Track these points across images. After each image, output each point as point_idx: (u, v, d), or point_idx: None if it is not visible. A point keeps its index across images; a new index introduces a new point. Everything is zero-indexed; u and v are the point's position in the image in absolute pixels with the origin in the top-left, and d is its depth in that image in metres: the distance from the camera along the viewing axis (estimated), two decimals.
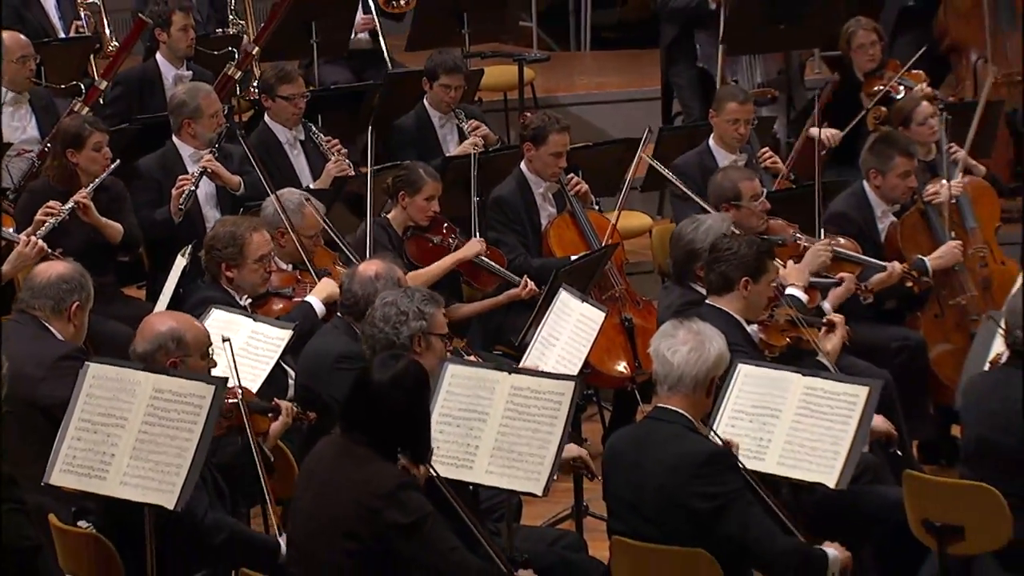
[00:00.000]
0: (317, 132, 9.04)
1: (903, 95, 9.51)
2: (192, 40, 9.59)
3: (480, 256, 8.28)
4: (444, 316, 6.19)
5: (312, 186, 8.75)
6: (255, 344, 6.81)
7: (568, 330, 7.15)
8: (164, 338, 5.75)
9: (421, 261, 8.25)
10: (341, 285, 6.87)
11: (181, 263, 7.60)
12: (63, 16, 10.19)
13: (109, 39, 10.18)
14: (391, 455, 5.35)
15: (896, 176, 8.28)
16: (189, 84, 8.94)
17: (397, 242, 8.23)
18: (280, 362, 6.84)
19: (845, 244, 8.11)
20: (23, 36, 9.14)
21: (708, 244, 7.04)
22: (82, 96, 9.26)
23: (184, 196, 8.27)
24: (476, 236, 8.37)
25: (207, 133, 8.53)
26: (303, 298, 7.46)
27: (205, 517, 5.51)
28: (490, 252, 8.36)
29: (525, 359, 7.01)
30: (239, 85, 9.67)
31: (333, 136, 9.08)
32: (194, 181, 8.33)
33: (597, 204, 8.90)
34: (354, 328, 6.65)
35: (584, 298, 7.32)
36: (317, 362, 6.61)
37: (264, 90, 9.11)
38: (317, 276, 7.65)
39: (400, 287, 6.64)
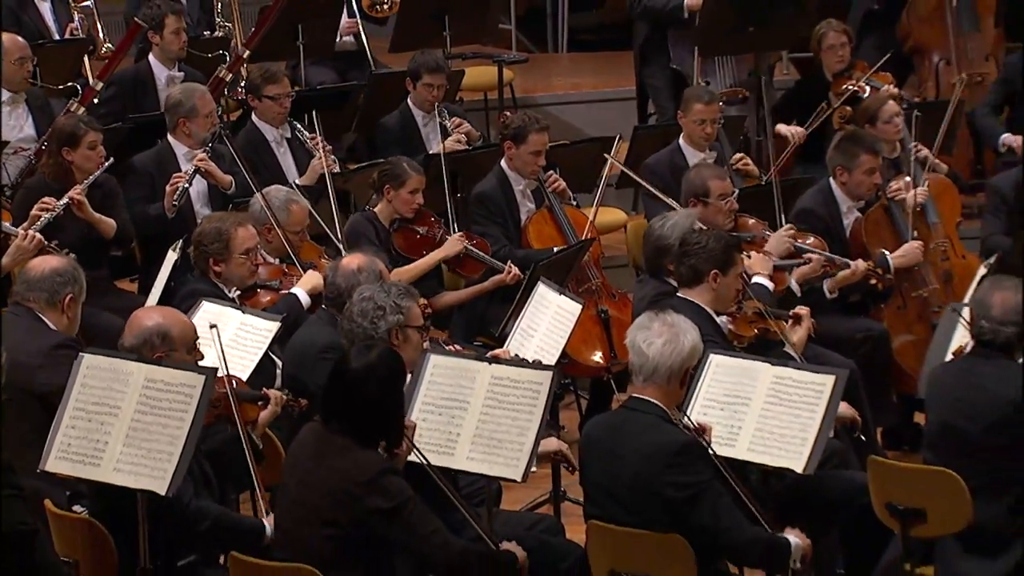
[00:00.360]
0: (302, 130, 9.04)
1: (869, 94, 9.52)
2: (184, 43, 9.58)
3: (466, 248, 8.28)
4: (427, 306, 6.19)
5: (298, 182, 8.74)
6: (244, 335, 6.81)
7: (546, 322, 7.16)
8: (150, 333, 5.74)
9: (408, 252, 8.26)
10: (325, 278, 6.87)
11: (172, 258, 7.60)
12: (58, 18, 10.17)
13: (102, 41, 10.17)
14: (370, 442, 5.35)
15: (862, 173, 8.29)
16: (185, 84, 8.93)
17: (384, 234, 8.24)
18: (268, 352, 6.83)
19: (813, 243, 8.13)
20: (20, 38, 9.13)
21: (676, 239, 7.06)
22: (78, 96, 9.27)
23: (178, 193, 8.26)
24: (455, 232, 8.37)
25: (201, 132, 8.53)
26: (289, 290, 7.46)
27: (190, 504, 5.50)
28: (476, 241, 8.37)
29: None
30: (228, 86, 9.65)
31: (319, 135, 9.07)
32: (188, 179, 8.33)
33: (575, 200, 8.90)
34: (338, 319, 6.65)
35: (561, 291, 7.33)
36: (303, 352, 6.61)
37: (251, 90, 9.10)
38: (303, 269, 7.65)
39: (381, 280, 6.64)
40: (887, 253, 8.20)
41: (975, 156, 10.52)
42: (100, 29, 10.21)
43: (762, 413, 5.98)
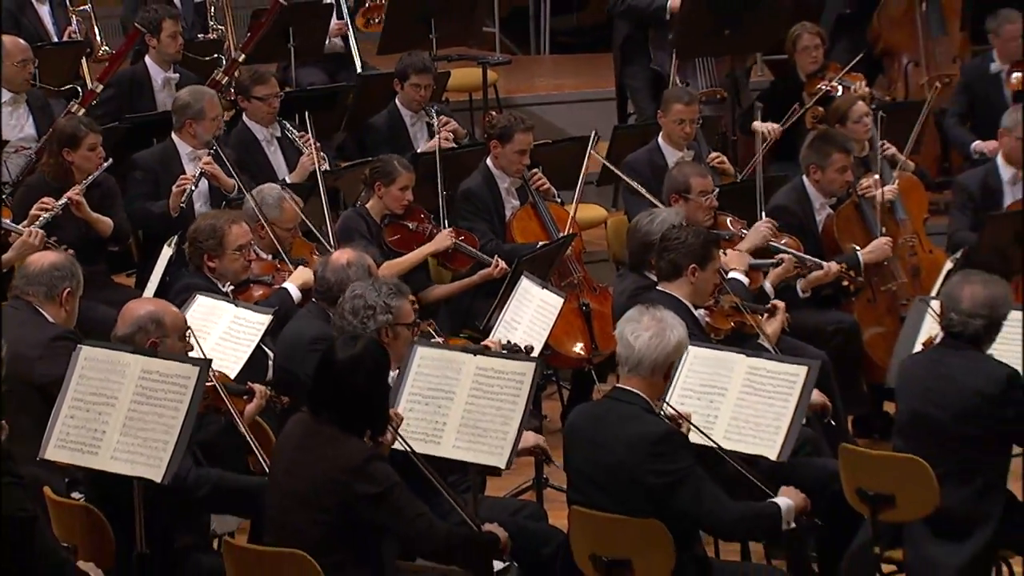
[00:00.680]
0: (291, 128, 9.03)
1: (841, 94, 9.54)
2: (180, 46, 9.57)
3: (454, 244, 8.28)
4: (414, 301, 6.19)
5: (288, 179, 8.74)
6: (237, 328, 6.81)
7: (529, 315, 7.16)
8: (144, 320, 5.76)
9: (399, 246, 8.27)
10: (315, 272, 6.87)
11: (167, 253, 7.60)
12: (56, 22, 10.16)
13: (99, 44, 10.16)
14: (356, 431, 5.36)
15: (834, 171, 8.31)
16: (194, 87, 8.88)
17: (376, 229, 8.24)
18: (260, 344, 6.83)
19: (788, 242, 8.15)
20: (22, 40, 9.13)
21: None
22: (79, 98, 9.26)
23: (184, 196, 8.24)
24: (444, 227, 8.37)
25: (206, 135, 8.51)
26: (281, 285, 7.45)
27: (189, 473, 5.52)
28: (463, 236, 8.37)
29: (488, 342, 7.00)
30: (223, 88, 9.64)
31: (310, 134, 9.05)
32: (194, 181, 8.31)
33: (559, 198, 8.91)
34: (327, 312, 6.65)
35: (544, 285, 7.33)
36: (293, 344, 6.61)
37: (240, 91, 9.10)
38: (294, 265, 7.65)
39: (370, 274, 6.65)
40: (857, 249, 8.23)
41: (942, 154, 10.55)
42: (97, 32, 10.21)
43: (737, 402, 5.99)
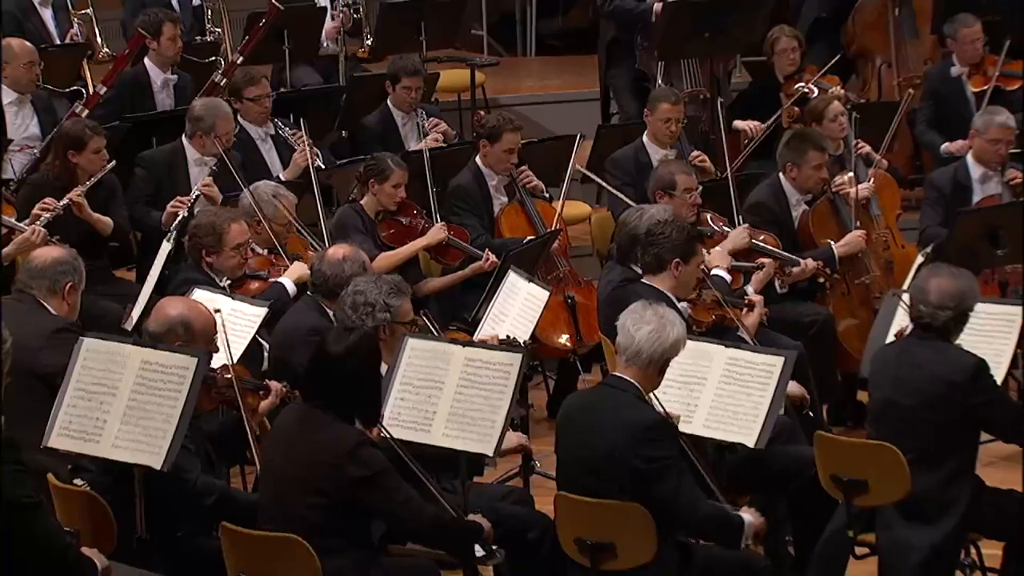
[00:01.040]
0: (283, 127, 9.03)
1: (817, 95, 9.55)
2: (180, 48, 9.55)
3: (447, 238, 8.28)
4: (410, 302, 6.20)
5: (282, 176, 8.74)
6: (234, 320, 6.78)
7: (516, 307, 7.17)
8: (174, 322, 5.74)
9: (393, 241, 8.26)
10: (312, 266, 6.87)
11: (166, 248, 7.60)
12: (59, 25, 10.14)
13: (100, 46, 10.15)
14: (349, 417, 5.37)
15: (810, 168, 8.33)
16: (211, 101, 8.75)
17: (370, 225, 8.24)
18: (257, 336, 6.83)
19: (766, 239, 8.18)
20: (29, 43, 9.13)
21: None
22: (83, 100, 9.26)
23: (177, 220, 8.00)
24: (437, 222, 8.38)
25: (214, 148, 8.42)
26: (277, 279, 7.45)
27: (198, 480, 5.53)
28: (454, 231, 8.37)
29: (478, 334, 7.01)
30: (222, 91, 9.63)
31: (305, 133, 9.05)
32: (188, 206, 8.12)
33: (548, 194, 8.90)
34: (322, 305, 6.66)
35: (531, 278, 7.34)
36: (289, 335, 6.61)
37: (232, 93, 9.10)
38: (289, 260, 7.64)
39: (365, 269, 6.65)
40: (832, 243, 8.25)
41: (914, 153, 10.57)
42: (98, 35, 10.20)
43: (717, 392, 6.00)
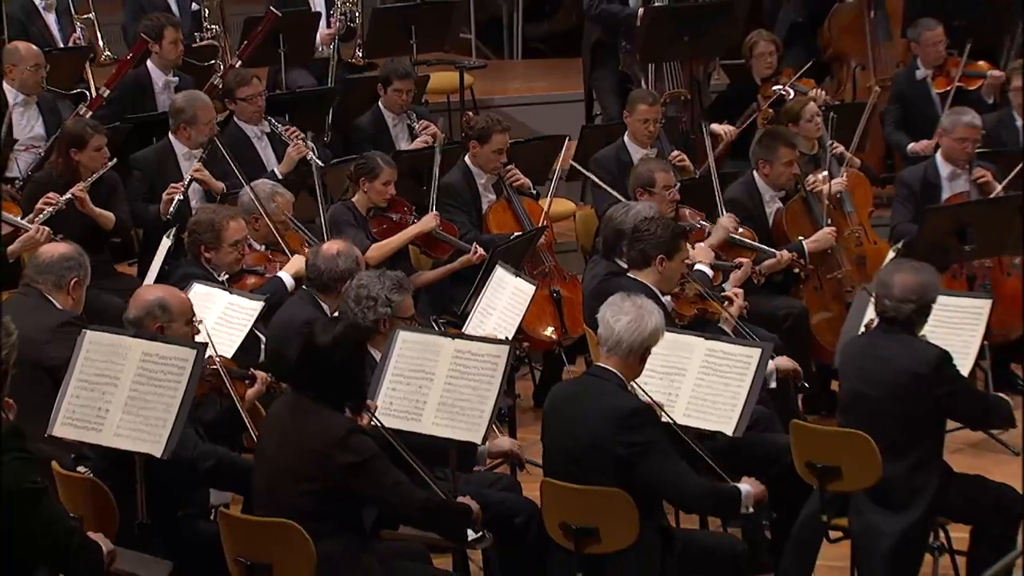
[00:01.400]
0: (277, 123, 9.03)
1: (793, 97, 9.57)
2: (181, 52, 9.56)
3: (437, 229, 8.28)
4: (411, 299, 6.21)
5: (278, 170, 8.75)
6: (231, 314, 6.81)
7: (503, 301, 7.17)
8: (152, 305, 5.76)
9: (383, 236, 8.26)
10: (307, 261, 6.88)
11: (166, 244, 7.60)
12: (62, 29, 10.13)
13: (101, 49, 10.14)
14: (338, 406, 5.38)
15: (782, 165, 8.37)
16: (189, 93, 8.82)
17: (361, 221, 8.25)
18: (253, 329, 6.83)
19: (744, 233, 8.21)
20: (36, 47, 9.14)
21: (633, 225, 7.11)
22: (87, 102, 9.28)
23: (173, 203, 8.18)
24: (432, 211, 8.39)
25: (200, 137, 8.49)
26: (274, 274, 7.46)
27: (195, 449, 5.53)
28: (443, 225, 8.38)
29: (466, 327, 7.02)
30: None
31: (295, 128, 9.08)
32: (183, 190, 8.26)
33: (535, 191, 8.91)
34: (317, 298, 6.67)
35: (518, 273, 7.34)
36: (284, 328, 6.62)
37: (226, 94, 9.11)
38: (288, 255, 7.66)
39: (359, 264, 6.66)
40: (803, 239, 8.29)
41: (886, 152, 10.61)
42: (100, 38, 10.20)
43: (697, 382, 6.01)
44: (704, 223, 8.28)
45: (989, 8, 10.53)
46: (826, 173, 8.50)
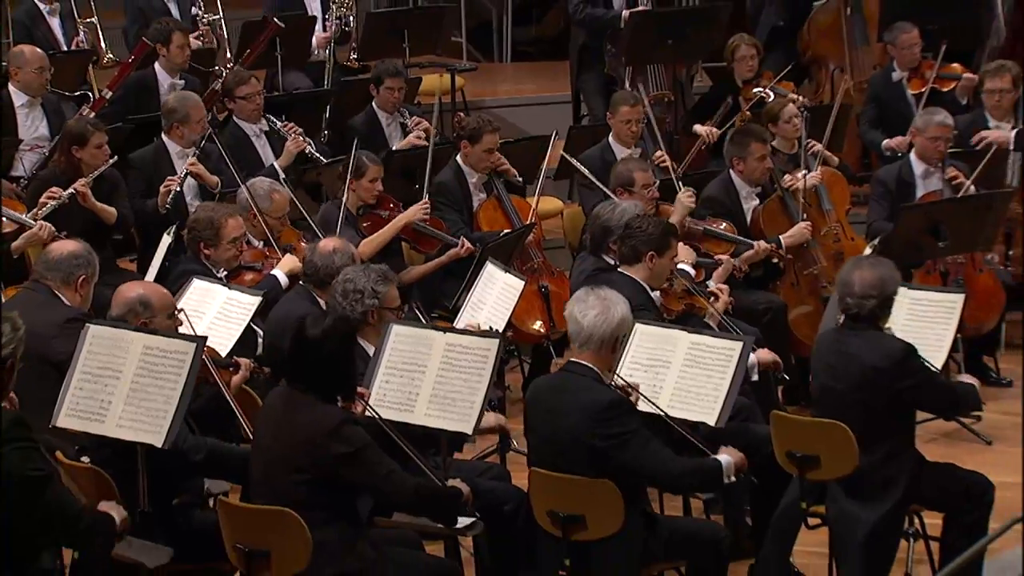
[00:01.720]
0: (275, 121, 9.04)
1: (773, 99, 9.59)
2: (188, 56, 9.57)
3: (423, 223, 8.28)
4: (396, 289, 6.21)
5: (277, 164, 8.74)
6: (229, 308, 6.80)
7: (494, 296, 7.18)
8: (134, 302, 5.75)
9: (373, 232, 8.26)
10: (303, 258, 6.88)
11: (166, 241, 7.60)
12: (66, 32, 10.13)
13: (104, 52, 10.15)
14: (330, 397, 5.37)
15: (754, 160, 8.40)
16: (180, 93, 8.89)
17: (352, 220, 8.25)
18: (251, 324, 6.83)
19: (725, 227, 8.23)
20: (40, 50, 9.15)
21: (621, 223, 7.12)
22: (90, 103, 9.29)
23: (170, 196, 8.24)
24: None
25: (192, 135, 8.51)
26: (270, 271, 7.46)
27: (186, 441, 5.52)
28: (430, 220, 8.38)
29: (457, 321, 7.03)
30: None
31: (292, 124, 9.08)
32: (179, 182, 8.31)
33: (519, 179, 8.89)
34: (313, 294, 6.67)
35: (507, 269, 7.35)
36: (281, 323, 6.60)
37: (225, 93, 9.11)
38: (282, 252, 7.65)
39: (354, 260, 6.65)
40: (780, 236, 8.32)
41: (862, 151, 10.63)
42: (102, 41, 10.19)
43: (681, 374, 6.01)
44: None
45: (962, 13, 10.55)
46: (802, 172, 8.52)
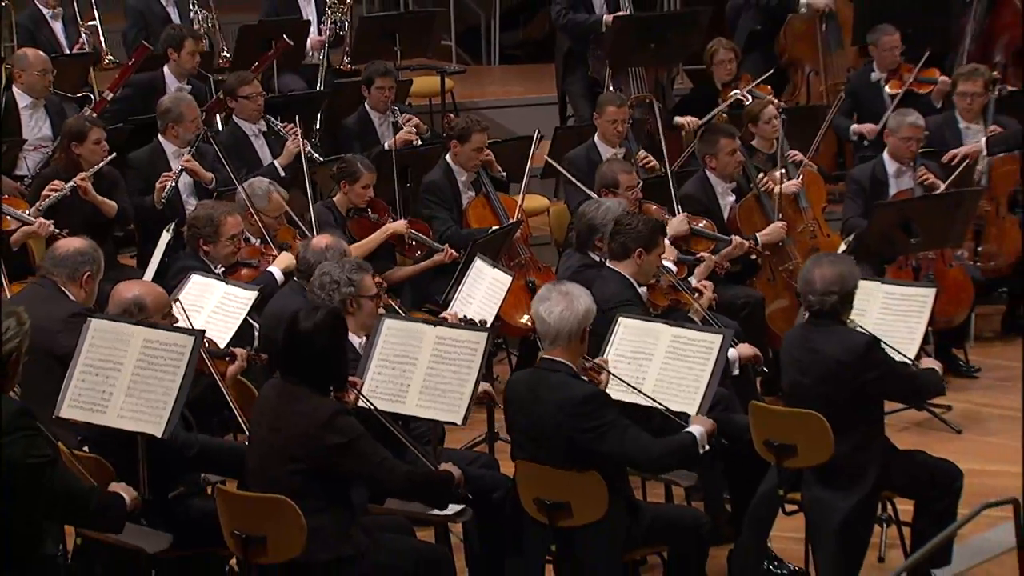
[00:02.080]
0: (274, 121, 9.03)
1: (751, 102, 9.60)
2: (197, 63, 9.56)
3: (409, 231, 8.28)
4: (376, 279, 6.20)
5: (277, 162, 8.73)
6: (227, 303, 6.80)
7: (482, 291, 7.18)
8: (129, 304, 5.73)
9: (361, 235, 8.26)
10: (297, 255, 6.88)
11: (166, 237, 7.59)
12: (68, 36, 10.13)
13: (105, 54, 10.13)
14: (323, 389, 5.37)
15: (725, 155, 8.42)
16: (174, 94, 8.90)
17: (341, 221, 8.25)
18: (247, 318, 6.82)
19: (706, 224, 8.26)
20: (43, 53, 9.14)
21: (606, 221, 7.12)
22: (91, 104, 9.29)
23: (166, 191, 8.26)
24: (402, 215, 8.39)
25: (187, 135, 8.51)
26: (267, 267, 7.46)
27: (179, 437, 5.51)
28: (416, 226, 8.38)
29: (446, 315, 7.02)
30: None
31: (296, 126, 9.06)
32: (175, 178, 8.32)
33: (503, 174, 8.88)
34: (306, 289, 6.65)
35: (495, 265, 7.35)
36: (276, 317, 6.60)
37: (227, 93, 9.10)
38: (279, 249, 7.64)
39: (345, 256, 6.65)
40: (757, 234, 8.34)
41: (837, 151, 10.66)
42: (103, 44, 10.17)
43: (663, 366, 6.00)
44: (667, 216, 8.29)
45: (934, 17, 10.57)
46: (779, 173, 8.54)
